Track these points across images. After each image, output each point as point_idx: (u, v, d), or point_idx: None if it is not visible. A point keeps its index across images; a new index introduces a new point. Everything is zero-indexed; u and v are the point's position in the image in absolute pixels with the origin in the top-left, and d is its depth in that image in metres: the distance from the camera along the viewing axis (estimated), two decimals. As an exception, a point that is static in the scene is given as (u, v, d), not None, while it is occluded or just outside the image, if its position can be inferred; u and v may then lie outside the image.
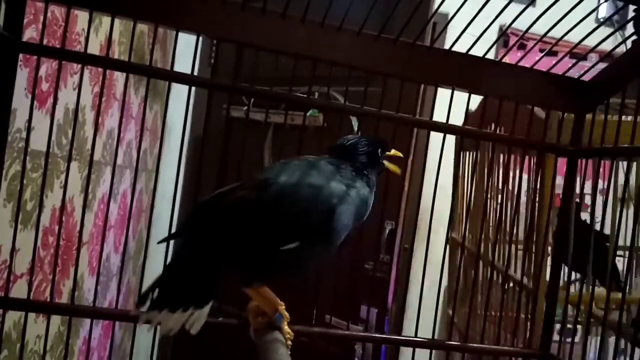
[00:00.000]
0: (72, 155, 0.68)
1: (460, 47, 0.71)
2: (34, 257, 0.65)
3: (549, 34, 0.67)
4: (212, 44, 1.91)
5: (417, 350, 0.75)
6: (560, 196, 0.77)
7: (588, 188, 0.86)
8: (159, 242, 0.57)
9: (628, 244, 0.67)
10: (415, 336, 0.75)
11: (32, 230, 0.79)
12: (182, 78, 0.67)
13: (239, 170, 0.70)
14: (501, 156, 1.01)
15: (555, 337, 0.75)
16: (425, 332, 0.77)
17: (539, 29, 0.68)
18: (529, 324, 0.81)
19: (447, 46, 0.72)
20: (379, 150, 0.61)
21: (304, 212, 0.52)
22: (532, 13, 0.63)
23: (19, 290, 0.80)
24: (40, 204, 0.69)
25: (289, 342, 0.58)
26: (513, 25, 0.70)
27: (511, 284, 0.96)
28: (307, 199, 0.52)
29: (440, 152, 0.77)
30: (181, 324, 0.51)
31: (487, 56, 0.71)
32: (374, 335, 0.76)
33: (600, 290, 0.80)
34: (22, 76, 0.74)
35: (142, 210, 1.77)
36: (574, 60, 0.71)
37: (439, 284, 0.77)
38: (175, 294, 0.51)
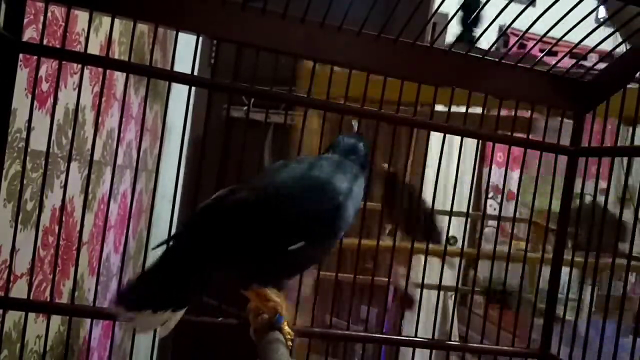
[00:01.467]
0: (72, 155, 0.68)
1: (460, 47, 0.71)
2: (34, 257, 0.65)
3: (549, 34, 0.67)
4: (212, 44, 1.91)
5: (417, 350, 0.75)
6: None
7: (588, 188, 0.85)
8: (155, 248, 0.56)
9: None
10: (415, 336, 0.75)
11: (32, 230, 0.79)
12: (182, 78, 0.67)
13: (239, 171, 0.70)
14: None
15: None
16: (425, 332, 0.77)
17: (539, 29, 0.68)
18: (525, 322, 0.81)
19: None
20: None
21: (310, 211, 0.51)
22: (532, 13, 0.63)
23: (19, 290, 0.80)
24: (40, 204, 0.69)
25: (289, 342, 0.58)
26: (513, 25, 0.70)
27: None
28: (312, 197, 0.52)
29: (440, 152, 0.77)
30: (159, 324, 0.50)
31: (487, 56, 0.71)
32: (374, 335, 0.76)
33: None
34: (22, 76, 0.74)
35: (142, 211, 1.77)
36: (574, 60, 0.71)
37: (438, 283, 0.77)
38: (159, 294, 0.50)
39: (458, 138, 0.74)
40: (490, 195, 2.80)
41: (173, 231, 0.70)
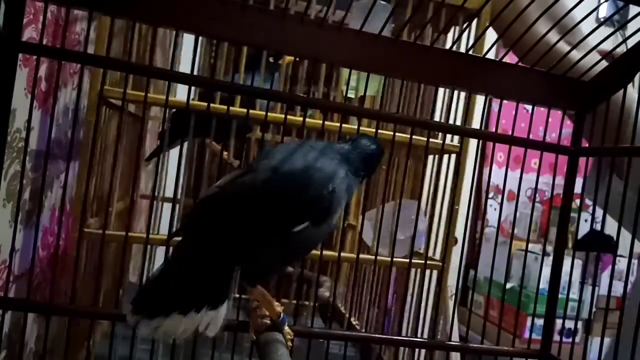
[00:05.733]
0: (72, 155, 0.68)
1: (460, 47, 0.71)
2: (33, 257, 0.64)
3: (549, 34, 0.67)
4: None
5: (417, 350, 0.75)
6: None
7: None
8: (171, 236, 0.55)
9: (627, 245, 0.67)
10: (415, 336, 0.75)
11: (32, 230, 0.79)
12: (182, 78, 0.67)
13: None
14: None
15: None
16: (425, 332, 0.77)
17: (539, 28, 0.67)
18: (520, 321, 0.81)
19: (447, 46, 0.72)
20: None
21: (311, 192, 0.52)
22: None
23: (18, 291, 0.80)
24: (40, 204, 0.69)
25: (289, 343, 0.58)
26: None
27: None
28: (313, 179, 0.53)
29: (440, 152, 0.76)
30: (195, 327, 0.47)
31: (487, 56, 0.71)
32: (374, 335, 0.76)
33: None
34: (22, 76, 0.74)
35: (142, 210, 1.77)
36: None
37: (438, 283, 0.77)
38: (183, 295, 0.48)
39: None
40: (490, 195, 2.80)
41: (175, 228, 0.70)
